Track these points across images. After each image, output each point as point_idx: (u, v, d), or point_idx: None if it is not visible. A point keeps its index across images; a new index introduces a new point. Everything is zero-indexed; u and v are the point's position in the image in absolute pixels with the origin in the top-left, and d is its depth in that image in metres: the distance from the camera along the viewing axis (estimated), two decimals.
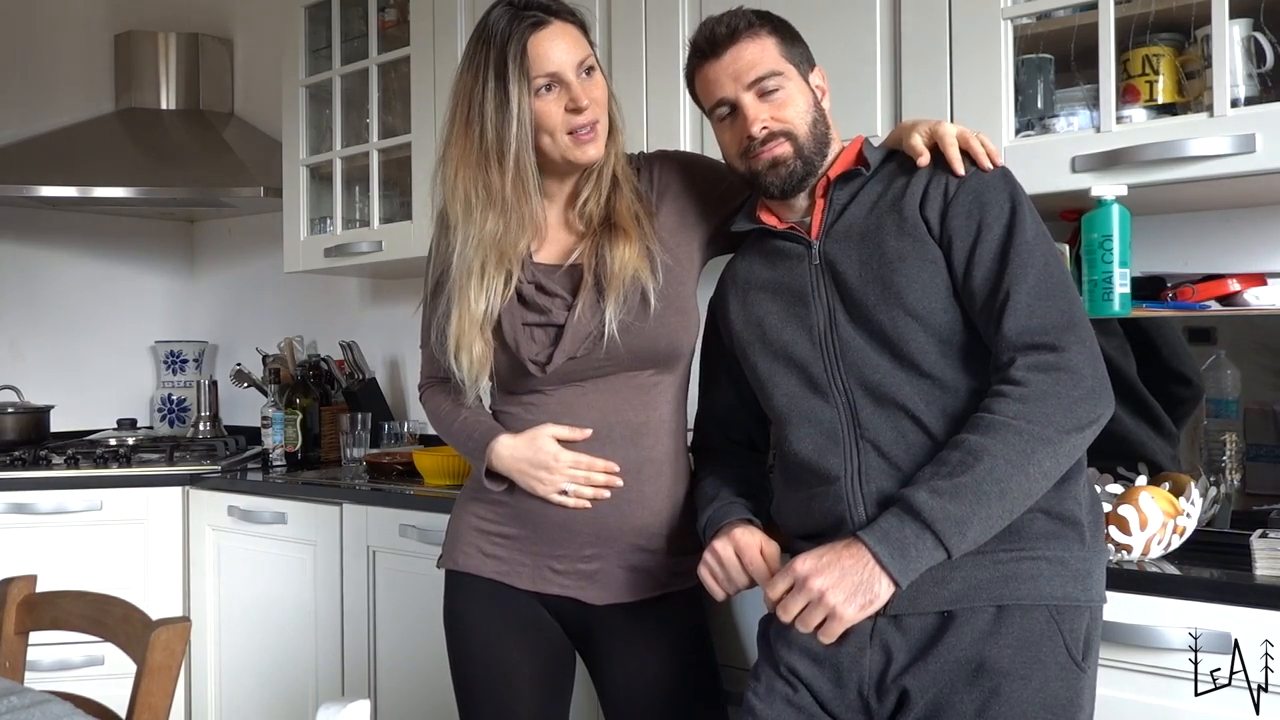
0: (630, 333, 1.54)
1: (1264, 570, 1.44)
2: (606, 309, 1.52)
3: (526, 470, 1.58)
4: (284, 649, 2.66)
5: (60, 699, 1.32)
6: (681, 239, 1.62)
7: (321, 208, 3.04)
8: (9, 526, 2.80)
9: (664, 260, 1.57)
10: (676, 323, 1.58)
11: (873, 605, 1.28)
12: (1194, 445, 1.70)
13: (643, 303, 1.54)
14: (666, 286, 1.56)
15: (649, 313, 1.54)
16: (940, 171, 1.41)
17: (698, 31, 1.51)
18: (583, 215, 1.60)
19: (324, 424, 3.14)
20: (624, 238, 1.55)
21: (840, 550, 1.29)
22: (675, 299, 1.57)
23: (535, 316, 1.58)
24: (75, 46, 3.59)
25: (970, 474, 1.25)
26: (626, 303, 1.53)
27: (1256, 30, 1.66)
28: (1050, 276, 1.33)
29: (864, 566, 1.27)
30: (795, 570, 1.31)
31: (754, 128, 1.45)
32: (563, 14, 1.53)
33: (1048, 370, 1.28)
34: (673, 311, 1.57)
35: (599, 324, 1.53)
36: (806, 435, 1.43)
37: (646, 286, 1.54)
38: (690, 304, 1.61)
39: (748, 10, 1.49)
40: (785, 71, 1.46)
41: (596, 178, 1.59)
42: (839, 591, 1.27)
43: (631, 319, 1.54)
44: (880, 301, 1.38)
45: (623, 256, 1.53)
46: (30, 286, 3.57)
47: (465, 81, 1.54)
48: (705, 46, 1.49)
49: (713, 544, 1.49)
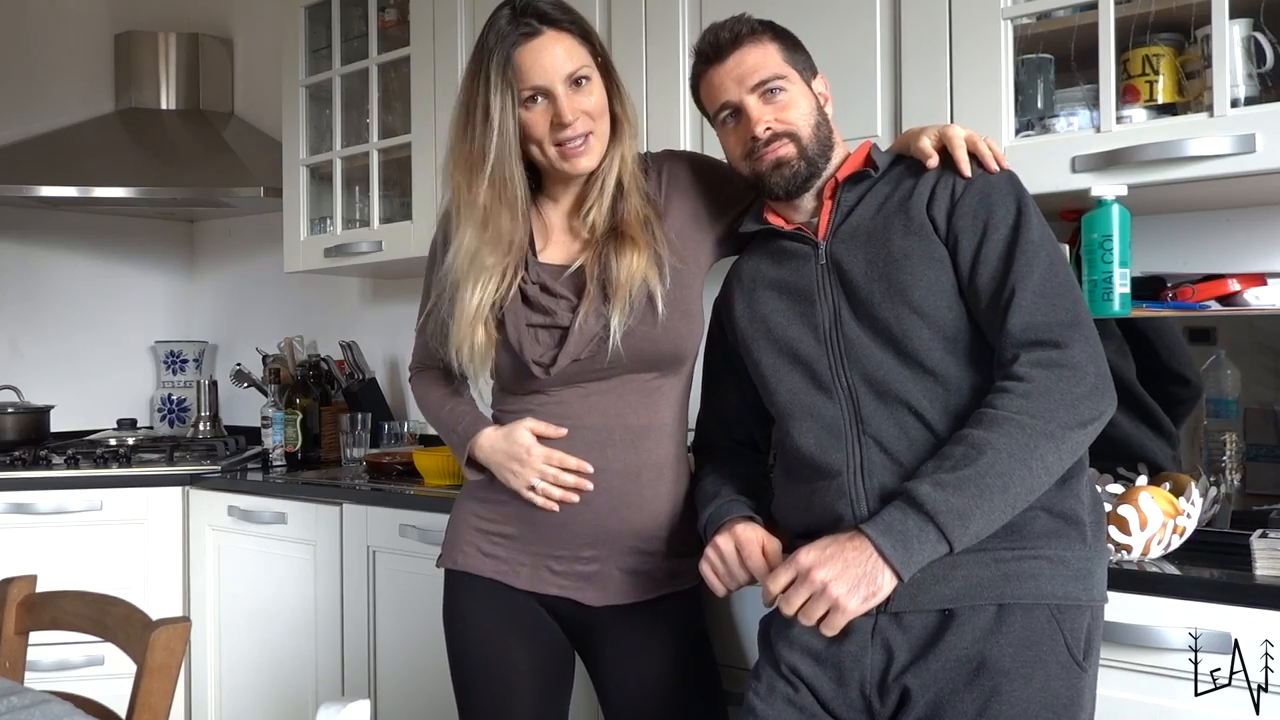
0: (636, 337, 1.54)
1: (1264, 570, 1.44)
2: (613, 315, 1.52)
3: (503, 462, 1.58)
4: (284, 649, 2.66)
5: (60, 699, 1.32)
6: (691, 240, 1.61)
7: (321, 208, 3.04)
8: (9, 526, 2.80)
9: (672, 264, 1.56)
10: (683, 327, 1.58)
11: (875, 597, 1.28)
12: (1194, 445, 1.70)
13: (649, 308, 1.54)
14: (674, 291, 1.55)
15: (656, 318, 1.54)
16: (947, 173, 1.43)
17: (701, 38, 1.52)
18: (587, 223, 1.59)
19: (324, 424, 3.14)
20: (631, 246, 1.54)
21: (843, 542, 1.30)
22: (682, 303, 1.57)
23: (540, 318, 1.57)
24: (75, 46, 3.59)
25: (973, 467, 1.26)
26: (634, 309, 1.53)
27: (1256, 30, 1.66)
28: (1055, 276, 1.34)
29: (867, 559, 1.27)
30: (799, 562, 1.31)
31: (758, 128, 1.46)
32: (560, 22, 1.52)
33: (1050, 366, 1.29)
34: (679, 316, 1.56)
35: (603, 328, 1.53)
36: (809, 430, 1.43)
37: (654, 292, 1.53)
38: (696, 307, 1.61)
39: (751, 18, 1.50)
40: (788, 75, 1.48)
41: (601, 184, 1.58)
42: (842, 583, 1.27)
43: (637, 324, 1.53)
44: (885, 299, 1.39)
45: (630, 266, 1.52)
46: (30, 286, 3.57)
47: (465, 87, 1.55)
48: (709, 51, 1.50)
49: (714, 539, 1.49)
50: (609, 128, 1.56)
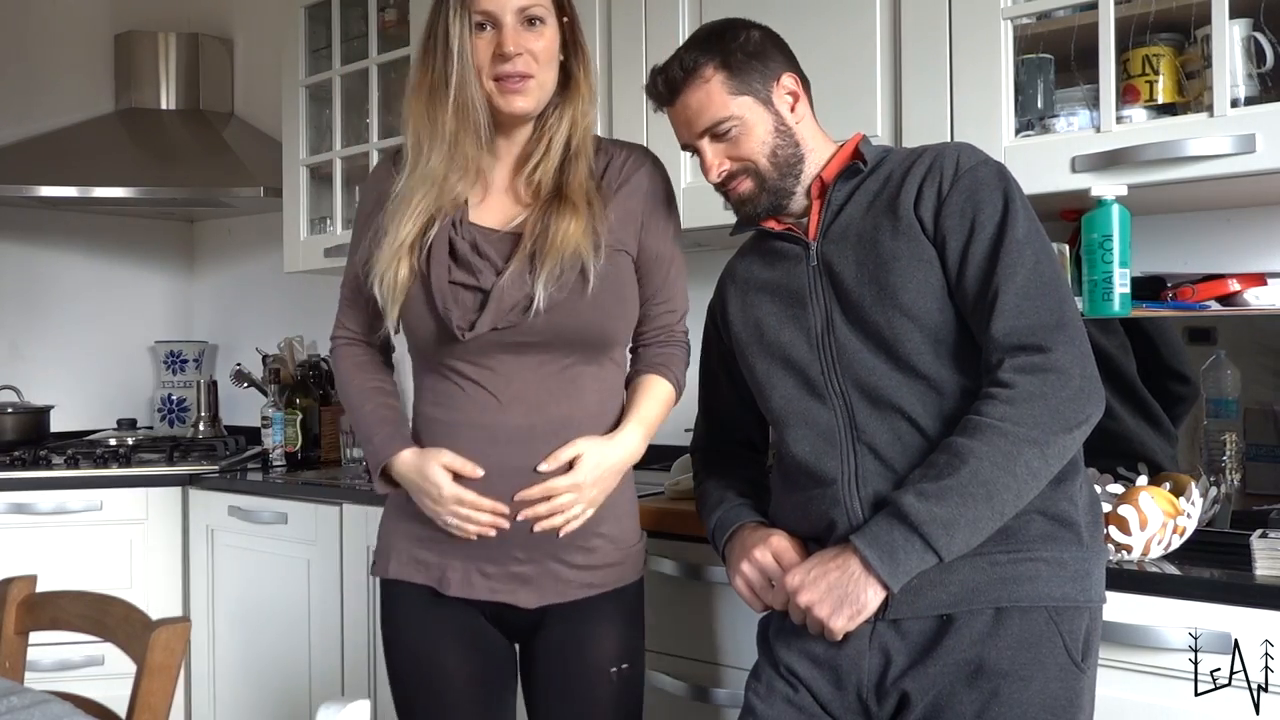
0: (562, 310, 1.47)
1: (1264, 570, 1.44)
2: (538, 280, 1.45)
3: (416, 494, 1.53)
4: (284, 649, 2.66)
5: (60, 699, 1.32)
6: (628, 235, 1.56)
7: (321, 208, 3.04)
8: (9, 526, 2.80)
9: (610, 243, 1.51)
10: (613, 308, 1.53)
11: (861, 615, 1.30)
12: (1194, 445, 1.70)
13: (581, 279, 1.47)
14: (608, 269, 1.50)
15: (586, 291, 1.48)
16: (934, 170, 1.39)
17: (648, 82, 1.52)
18: (530, 183, 1.54)
19: (324, 424, 3.13)
20: (572, 211, 1.48)
21: (828, 562, 1.32)
22: (615, 284, 1.52)
23: (463, 275, 1.50)
24: (75, 46, 3.59)
25: (955, 477, 1.26)
26: (562, 277, 1.46)
27: (1256, 30, 1.66)
28: (1040, 276, 1.32)
29: (850, 578, 1.29)
30: (787, 584, 1.36)
31: (710, 175, 1.48)
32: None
33: (1034, 372, 1.28)
34: (610, 296, 1.51)
35: (526, 296, 1.46)
36: (804, 438, 1.42)
37: (587, 263, 1.47)
38: (630, 293, 1.56)
39: (688, 52, 1.46)
40: (732, 113, 1.43)
41: (549, 142, 1.53)
42: (824, 606, 1.31)
43: (565, 295, 1.47)
44: (876, 303, 1.38)
45: (566, 229, 1.47)
46: (30, 286, 3.57)
47: (428, 18, 1.52)
48: (656, 98, 1.51)
49: (752, 553, 1.46)
50: (554, 79, 1.53)
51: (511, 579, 1.53)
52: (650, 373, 1.61)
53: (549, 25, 1.51)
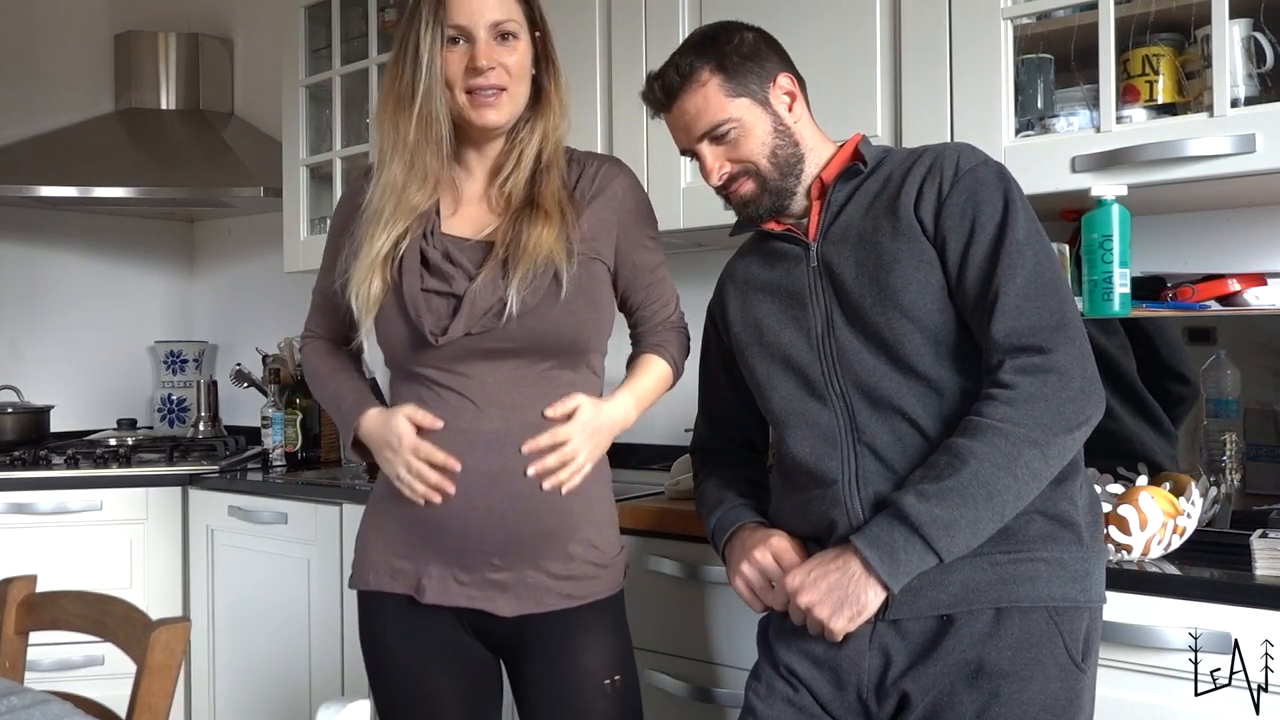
0: (535, 315, 1.48)
1: (1264, 570, 1.44)
2: (511, 284, 1.46)
3: (379, 447, 1.55)
4: (283, 649, 2.66)
5: (60, 699, 1.32)
6: (603, 244, 1.56)
7: (321, 208, 3.04)
8: (9, 526, 2.80)
9: (584, 251, 1.51)
10: (587, 314, 1.52)
11: (861, 615, 1.30)
12: (1194, 445, 1.70)
13: (554, 284, 1.48)
14: (582, 276, 1.50)
15: (559, 296, 1.48)
16: (935, 171, 1.39)
17: (644, 89, 1.52)
18: (502, 194, 1.54)
19: (324, 424, 3.13)
20: (544, 218, 1.49)
21: (828, 562, 1.32)
22: (589, 290, 1.52)
23: (436, 283, 1.51)
24: (75, 46, 3.59)
25: (956, 477, 1.26)
26: (534, 281, 1.47)
27: (1256, 30, 1.66)
28: (1040, 276, 1.31)
29: (850, 579, 1.29)
30: (786, 585, 1.35)
31: (711, 179, 1.48)
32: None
33: (1034, 373, 1.28)
34: (584, 302, 1.51)
35: (499, 300, 1.47)
36: (804, 439, 1.42)
37: (560, 268, 1.48)
38: (605, 300, 1.57)
39: (683, 57, 1.46)
40: (730, 115, 1.43)
41: (520, 154, 1.55)
42: (824, 607, 1.31)
43: (538, 300, 1.47)
44: (876, 304, 1.38)
45: (539, 235, 1.47)
46: (30, 286, 3.57)
47: (401, 27, 1.53)
48: (653, 105, 1.51)
49: (752, 554, 1.45)
50: (526, 93, 1.54)
51: (488, 585, 1.52)
52: (646, 352, 1.64)
53: (521, 40, 1.52)
